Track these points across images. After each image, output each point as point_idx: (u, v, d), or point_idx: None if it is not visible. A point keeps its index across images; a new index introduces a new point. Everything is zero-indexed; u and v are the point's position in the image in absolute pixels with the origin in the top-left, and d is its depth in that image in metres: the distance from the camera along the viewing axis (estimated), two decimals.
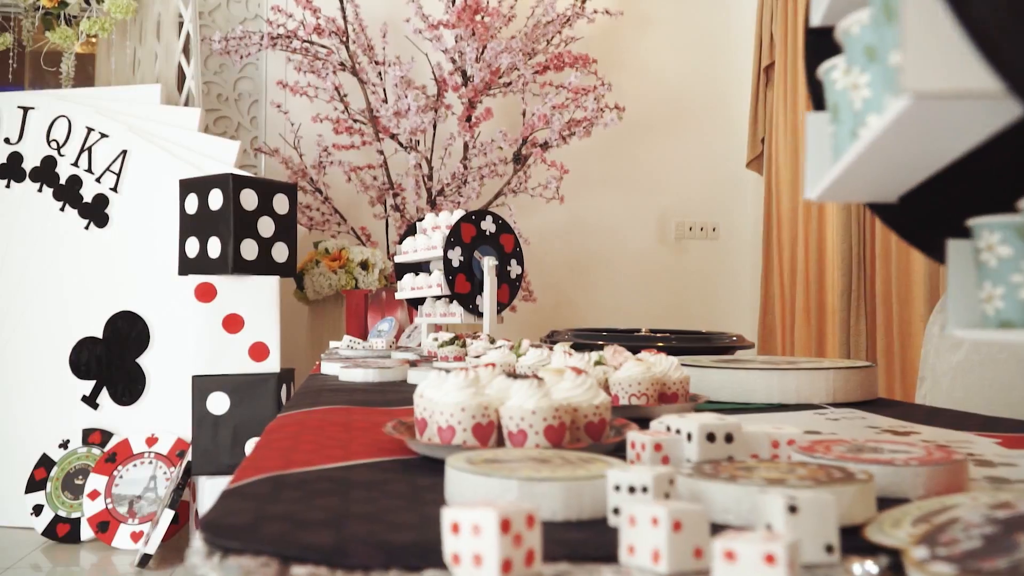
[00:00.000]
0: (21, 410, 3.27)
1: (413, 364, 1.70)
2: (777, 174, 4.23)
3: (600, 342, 1.84)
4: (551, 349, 1.32)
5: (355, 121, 3.85)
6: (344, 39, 3.81)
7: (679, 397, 1.01)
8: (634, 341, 1.70)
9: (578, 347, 1.28)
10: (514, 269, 2.41)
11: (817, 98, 0.53)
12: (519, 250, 2.43)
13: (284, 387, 2.85)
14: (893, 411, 1.09)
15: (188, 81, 3.75)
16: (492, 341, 1.84)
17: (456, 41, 3.77)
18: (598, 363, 1.04)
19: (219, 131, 4.10)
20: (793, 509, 0.43)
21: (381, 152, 3.82)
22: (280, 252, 2.82)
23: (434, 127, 3.85)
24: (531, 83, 3.81)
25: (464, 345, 1.80)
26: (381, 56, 3.86)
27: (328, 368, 1.63)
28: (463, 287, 2.28)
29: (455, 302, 2.32)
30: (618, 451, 0.73)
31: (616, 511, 0.51)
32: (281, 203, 2.83)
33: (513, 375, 0.76)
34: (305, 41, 3.79)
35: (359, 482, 0.62)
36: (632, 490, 0.50)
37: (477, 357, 1.44)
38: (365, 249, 3.66)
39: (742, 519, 0.50)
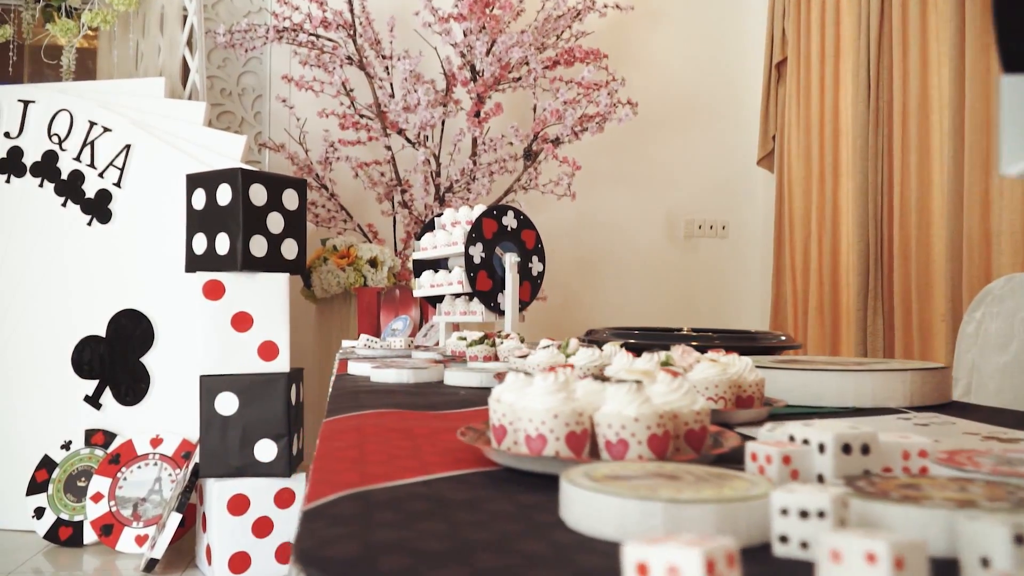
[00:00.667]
0: (22, 410, 3.18)
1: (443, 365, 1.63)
2: (789, 171, 4.17)
3: (632, 340, 1.78)
4: (600, 349, 1.25)
5: (362, 116, 3.77)
6: (351, 33, 3.73)
7: (755, 401, 0.94)
8: (676, 341, 1.64)
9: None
10: (536, 266, 2.34)
11: (1011, 59, 0.47)
12: (541, 247, 2.36)
13: (294, 387, 2.77)
14: (975, 415, 1.02)
15: (192, 75, 3.66)
16: (522, 340, 1.78)
17: (465, 35, 3.70)
18: (665, 364, 0.97)
19: (222, 126, 4.01)
20: (1020, 540, 0.37)
21: (389, 148, 3.74)
22: (290, 249, 2.74)
23: (443, 123, 3.78)
24: (541, 78, 3.74)
25: (494, 344, 1.73)
26: (388, 50, 3.79)
27: (355, 368, 1.56)
28: (484, 284, 2.21)
29: (475, 300, 2.25)
30: (720, 461, 0.66)
31: (783, 539, 0.44)
32: (290, 199, 2.75)
33: (604, 378, 0.70)
34: (311, 34, 3.72)
35: (455, 500, 0.55)
36: (804, 515, 0.43)
37: (523, 357, 1.37)
38: (374, 246, 3.58)
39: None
